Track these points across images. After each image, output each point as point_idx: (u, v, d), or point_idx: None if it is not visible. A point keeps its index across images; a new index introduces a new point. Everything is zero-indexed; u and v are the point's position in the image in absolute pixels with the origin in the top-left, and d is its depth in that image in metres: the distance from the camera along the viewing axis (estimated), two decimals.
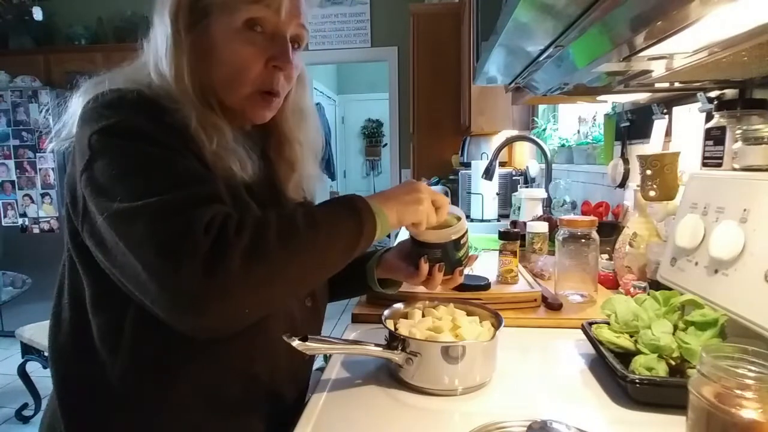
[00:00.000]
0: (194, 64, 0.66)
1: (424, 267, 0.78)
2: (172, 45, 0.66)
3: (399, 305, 0.85)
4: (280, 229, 0.58)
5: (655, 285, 0.95)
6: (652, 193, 1.06)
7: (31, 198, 3.74)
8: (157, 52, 0.68)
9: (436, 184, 3.22)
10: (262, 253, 0.56)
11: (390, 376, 0.76)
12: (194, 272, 0.51)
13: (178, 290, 0.52)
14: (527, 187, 2.35)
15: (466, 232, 0.80)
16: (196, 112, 0.64)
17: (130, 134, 0.60)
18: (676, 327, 0.71)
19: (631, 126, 1.46)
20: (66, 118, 0.68)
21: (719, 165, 0.88)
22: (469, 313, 0.83)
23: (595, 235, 1.06)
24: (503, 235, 1.13)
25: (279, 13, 0.67)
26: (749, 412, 0.46)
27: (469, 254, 0.83)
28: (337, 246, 0.63)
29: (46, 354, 2.38)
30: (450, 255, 0.79)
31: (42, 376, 2.58)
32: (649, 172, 1.05)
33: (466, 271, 0.85)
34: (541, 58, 0.90)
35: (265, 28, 0.67)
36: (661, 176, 1.04)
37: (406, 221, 0.71)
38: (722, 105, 0.90)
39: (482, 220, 2.40)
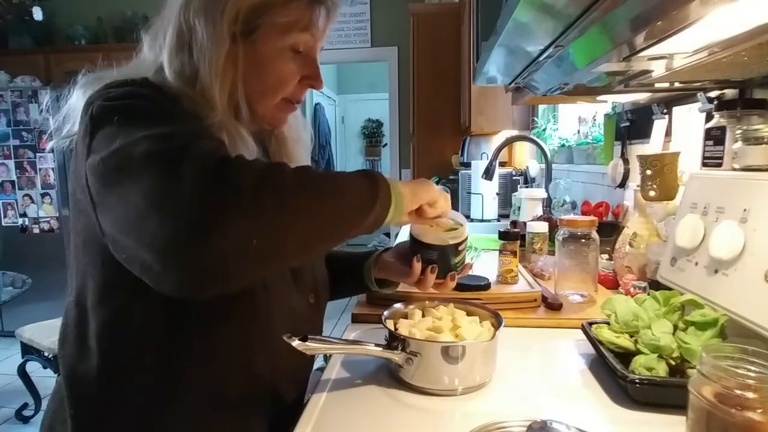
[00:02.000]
0: (236, 72, 0.67)
1: (417, 266, 0.78)
2: (224, 51, 0.65)
3: (399, 305, 0.85)
4: (295, 171, 0.56)
5: (655, 285, 0.95)
6: (652, 193, 1.06)
7: (31, 198, 3.74)
8: (195, 54, 0.66)
9: (436, 184, 3.21)
10: (275, 182, 0.52)
11: (390, 376, 0.76)
12: (197, 186, 0.47)
13: (179, 207, 0.47)
14: (527, 187, 2.35)
15: (466, 239, 0.79)
16: (220, 115, 0.65)
17: (134, 95, 0.60)
18: (676, 327, 0.71)
19: (631, 126, 1.46)
20: (67, 111, 0.68)
21: (719, 165, 0.88)
22: (469, 313, 0.83)
23: (595, 235, 1.06)
24: (503, 235, 1.14)
25: (318, 41, 0.73)
26: (749, 412, 0.46)
27: (465, 262, 0.83)
28: (352, 201, 0.60)
29: (46, 354, 2.39)
30: (446, 259, 0.78)
31: (42, 376, 2.58)
32: (649, 172, 1.05)
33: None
34: (541, 58, 0.90)
35: (303, 50, 0.72)
36: (661, 176, 1.04)
37: (422, 199, 0.69)
38: (722, 105, 0.91)
39: (482, 220, 2.39)
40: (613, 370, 0.69)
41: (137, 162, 0.51)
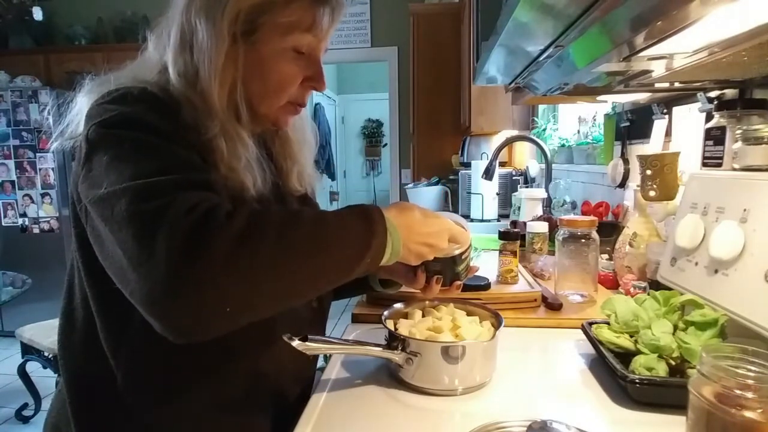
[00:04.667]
0: (236, 73, 0.66)
1: (422, 276, 0.77)
2: (223, 51, 0.65)
3: (399, 305, 0.85)
4: (281, 222, 0.55)
5: (655, 285, 0.95)
6: (652, 193, 1.06)
7: (31, 198, 3.74)
8: (196, 53, 0.66)
9: (436, 184, 3.22)
10: (254, 242, 0.52)
11: (390, 376, 0.76)
12: (171, 254, 0.48)
13: (153, 275, 0.48)
14: (527, 187, 2.35)
15: (470, 247, 0.78)
16: (220, 120, 0.64)
17: (129, 123, 0.59)
18: (676, 327, 0.71)
19: (631, 126, 1.46)
20: (71, 116, 0.68)
21: (719, 165, 0.88)
22: (469, 313, 0.83)
23: (595, 235, 1.06)
24: (503, 235, 1.13)
25: (321, 42, 0.72)
26: (749, 412, 0.46)
27: (470, 266, 0.81)
28: (339, 259, 0.59)
29: (46, 354, 2.38)
30: (449, 269, 0.77)
31: (42, 376, 2.58)
32: (649, 172, 1.05)
33: None
34: (541, 58, 0.90)
35: (305, 51, 0.71)
36: (661, 176, 1.04)
37: (412, 260, 0.69)
38: (722, 105, 0.90)
39: (482, 220, 2.40)
40: (613, 370, 0.69)
41: (118, 218, 0.52)
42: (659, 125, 1.26)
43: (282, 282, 0.55)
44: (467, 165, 2.78)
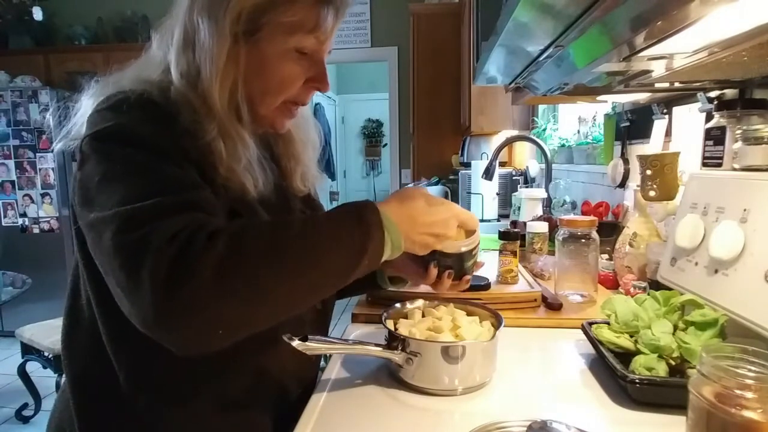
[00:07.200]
0: (237, 73, 0.66)
1: (433, 271, 0.77)
2: (225, 50, 0.64)
3: (399, 305, 0.85)
4: (268, 238, 0.55)
5: (655, 285, 0.95)
6: (652, 193, 1.06)
7: (31, 198, 3.74)
8: (198, 53, 0.65)
9: (436, 184, 3.22)
10: (239, 263, 0.52)
11: (390, 376, 0.76)
12: (156, 286, 0.49)
13: (142, 304, 0.50)
14: (527, 187, 2.35)
15: (479, 243, 0.78)
16: (219, 121, 0.64)
17: (122, 138, 0.59)
18: (676, 327, 0.71)
19: (631, 126, 1.46)
20: (76, 118, 0.68)
21: (719, 165, 0.88)
22: (469, 313, 0.83)
23: (595, 235, 1.06)
24: (503, 235, 1.13)
25: (324, 44, 0.71)
26: (749, 412, 0.46)
27: (477, 261, 0.81)
28: (333, 267, 0.59)
29: (46, 354, 2.39)
30: (460, 264, 0.77)
31: (42, 376, 2.58)
32: (649, 172, 1.05)
33: None
34: (541, 58, 0.90)
35: (308, 52, 0.70)
36: (661, 176, 1.04)
37: (418, 251, 0.69)
38: (722, 105, 0.90)
39: (482, 220, 2.39)
40: (613, 370, 0.69)
41: (106, 246, 0.53)
42: (659, 125, 1.26)
43: (275, 298, 0.55)
44: (467, 165, 2.78)
